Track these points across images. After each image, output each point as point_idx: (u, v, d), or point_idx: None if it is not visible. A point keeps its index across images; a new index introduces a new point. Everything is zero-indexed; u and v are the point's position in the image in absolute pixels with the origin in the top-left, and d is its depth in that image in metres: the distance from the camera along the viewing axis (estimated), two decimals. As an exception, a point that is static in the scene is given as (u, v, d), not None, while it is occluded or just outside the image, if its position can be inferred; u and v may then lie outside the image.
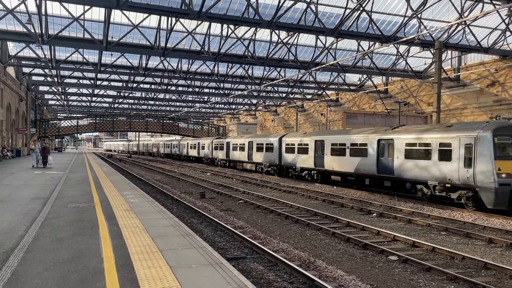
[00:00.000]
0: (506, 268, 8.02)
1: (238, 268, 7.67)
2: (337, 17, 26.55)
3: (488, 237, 10.84)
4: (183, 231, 7.83)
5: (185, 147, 55.72)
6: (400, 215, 14.26)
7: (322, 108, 55.46)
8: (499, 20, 27.38)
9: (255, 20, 23.76)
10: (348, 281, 7.22)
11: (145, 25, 27.65)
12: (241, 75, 42.89)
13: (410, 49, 33.68)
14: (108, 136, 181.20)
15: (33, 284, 4.82)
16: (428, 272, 8.07)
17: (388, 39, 26.64)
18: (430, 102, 37.62)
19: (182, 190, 21.56)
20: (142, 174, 32.29)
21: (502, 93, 31.94)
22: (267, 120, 74.36)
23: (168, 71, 39.88)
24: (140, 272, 5.30)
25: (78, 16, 24.42)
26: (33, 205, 10.80)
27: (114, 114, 71.60)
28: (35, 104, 55.72)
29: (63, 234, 7.40)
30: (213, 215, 13.75)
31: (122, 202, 11.43)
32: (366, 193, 20.28)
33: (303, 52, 35.93)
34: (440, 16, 29.98)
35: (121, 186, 15.62)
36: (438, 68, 22.50)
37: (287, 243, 10.19)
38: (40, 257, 5.96)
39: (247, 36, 30.44)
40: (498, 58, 32.03)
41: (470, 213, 14.62)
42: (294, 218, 13.35)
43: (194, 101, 60.67)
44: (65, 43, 28.52)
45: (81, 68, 38.22)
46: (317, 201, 18.10)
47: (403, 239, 10.56)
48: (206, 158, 46.40)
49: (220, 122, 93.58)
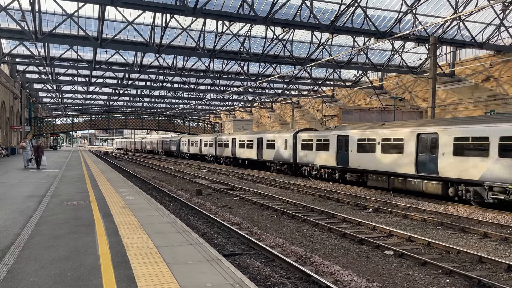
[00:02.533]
0: (501, 261, 8.09)
1: (235, 264, 7.70)
2: (332, 13, 26.53)
3: (483, 231, 10.92)
4: (179, 228, 7.83)
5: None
6: (395, 210, 14.33)
7: (318, 104, 55.50)
8: (494, 15, 27.45)
9: (250, 16, 23.70)
10: (344, 276, 7.26)
11: (140, 21, 27.52)
12: (236, 71, 42.81)
13: (405, 44, 33.72)
14: (103, 134, 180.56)
15: (29, 282, 4.82)
16: (423, 266, 8.13)
17: (383, 34, 26.65)
18: (425, 97, 37.72)
19: (179, 187, 21.55)
20: (138, 171, 32.24)
21: (496, 88, 32.09)
22: (263, 117, 74.34)
23: (163, 68, 39.72)
24: (137, 269, 5.31)
25: (72, 13, 24.23)
26: (29, 203, 10.76)
27: (110, 112, 71.36)
28: (29, 101, 55.39)
29: (59, 231, 7.38)
30: (209, 211, 13.76)
31: (118, 199, 11.41)
32: (362, 189, 20.34)
33: (299, 48, 35.90)
34: (435, 11, 30.03)
35: (117, 184, 15.58)
36: (433, 64, 22.56)
37: (284, 239, 10.22)
38: (36, 254, 5.95)
39: (242, 32, 30.36)
40: (493, 53, 32.14)
41: (465, 208, 14.70)
42: (290, 214, 13.39)
43: (189, 98, 60.60)
44: (59, 40, 28.28)
45: (76, 66, 37.98)
46: (313, 197, 18.15)
47: (399, 234, 10.62)
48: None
49: (216, 119, 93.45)
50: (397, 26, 27.53)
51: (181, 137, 58.83)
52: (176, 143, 59.44)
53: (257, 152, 32.21)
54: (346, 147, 21.71)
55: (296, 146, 26.86)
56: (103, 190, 13.50)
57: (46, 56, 33.42)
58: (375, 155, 19.48)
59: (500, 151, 13.48)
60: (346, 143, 21.66)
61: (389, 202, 16.03)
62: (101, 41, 25.87)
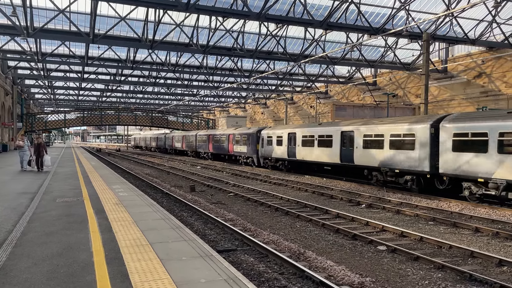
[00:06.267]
0: (492, 256, 8.17)
1: (229, 260, 7.71)
2: (326, 9, 26.52)
3: (474, 226, 11.02)
4: (173, 224, 7.83)
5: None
6: (389, 206, 14.41)
7: (312, 101, 55.58)
8: (486, 11, 27.60)
9: (243, 12, 23.63)
10: (338, 271, 7.30)
11: (133, 17, 27.31)
12: (230, 67, 42.70)
13: (398, 41, 33.84)
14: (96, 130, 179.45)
15: (22, 279, 4.79)
16: (416, 261, 8.19)
17: (377, 31, 26.72)
18: (418, 93, 37.90)
19: (172, 184, 21.51)
20: (131, 167, 32.12)
21: (488, 84, 32.31)
22: (257, 113, 74.31)
23: (156, 64, 39.54)
24: (130, 265, 5.30)
25: (64, 8, 24.02)
26: (21, 200, 10.69)
27: (102, 108, 70.87)
28: (21, 98, 54.87)
29: (52, 228, 7.35)
30: (203, 208, 13.76)
31: (111, 196, 11.37)
32: (355, 185, 20.45)
33: (292, 45, 35.87)
34: (428, 8, 30.13)
35: (110, 180, 15.52)
36: (425, 60, 22.67)
37: (278, 235, 10.25)
38: (29, 251, 5.92)
39: (236, 28, 30.28)
40: (485, 50, 32.35)
41: (457, 203, 14.83)
42: (284, 210, 13.42)
43: (183, 94, 60.28)
44: (51, 35, 28.04)
45: (68, 61, 37.68)
46: (307, 193, 18.20)
47: (391, 229, 10.69)
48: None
49: (210, 115, 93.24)
50: (390, 22, 27.60)
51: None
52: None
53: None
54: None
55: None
56: (96, 186, 13.44)
57: (38, 52, 33.11)
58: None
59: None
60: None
61: (382, 198, 16.13)
62: (93, 37, 25.67)
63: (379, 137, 19.00)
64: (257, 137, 31.58)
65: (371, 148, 19.51)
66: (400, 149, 17.73)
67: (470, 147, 14.56)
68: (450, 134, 15.33)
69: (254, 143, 32.01)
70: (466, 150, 14.70)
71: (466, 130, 14.72)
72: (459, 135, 14.99)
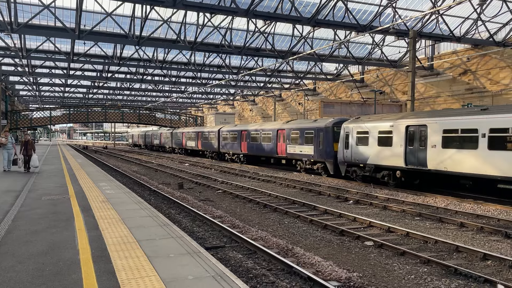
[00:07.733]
0: (477, 250, 8.31)
1: (217, 257, 7.71)
2: (314, 6, 26.57)
3: (459, 221, 11.18)
4: (160, 222, 7.79)
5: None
6: (376, 201, 14.55)
7: (300, 98, 55.69)
8: (471, 9, 27.92)
9: (231, 9, 23.54)
10: (325, 267, 7.35)
11: (119, 13, 27.03)
12: (218, 64, 42.54)
13: (385, 38, 34.06)
14: (82, 128, 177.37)
15: (6, 277, 4.72)
16: (402, 256, 8.29)
17: (364, 28, 26.85)
18: (405, 90, 38.23)
19: (160, 181, 21.40)
20: (119, 165, 31.86)
21: (473, 81, 32.74)
22: (245, 110, 74.23)
23: (143, 60, 39.20)
24: (117, 263, 5.26)
25: (49, 3, 23.65)
26: (5, 198, 10.52)
27: (89, 105, 70.08)
28: (5, 94, 53.89)
29: (37, 226, 7.25)
30: (191, 205, 13.72)
31: (98, 193, 11.26)
32: (343, 181, 20.57)
33: (280, 41, 35.88)
34: (414, 5, 30.38)
35: (97, 178, 15.38)
36: (412, 57, 22.88)
37: (266, 231, 10.27)
38: (14, 250, 5.83)
39: (223, 24, 30.15)
40: (470, 47, 32.75)
41: (443, 199, 15.03)
42: (272, 207, 13.45)
43: (171, 91, 59.88)
44: (35, 31, 27.56)
45: (53, 58, 37.13)
46: (295, 190, 18.27)
47: (378, 225, 10.80)
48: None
49: (198, 112, 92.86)
50: (377, 19, 27.76)
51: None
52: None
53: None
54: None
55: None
56: (82, 184, 13.30)
57: (22, 48, 32.56)
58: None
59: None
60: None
61: (369, 194, 16.27)
62: (79, 33, 25.33)
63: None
64: (334, 132, 22.35)
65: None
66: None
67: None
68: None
69: (328, 141, 22.57)
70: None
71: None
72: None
